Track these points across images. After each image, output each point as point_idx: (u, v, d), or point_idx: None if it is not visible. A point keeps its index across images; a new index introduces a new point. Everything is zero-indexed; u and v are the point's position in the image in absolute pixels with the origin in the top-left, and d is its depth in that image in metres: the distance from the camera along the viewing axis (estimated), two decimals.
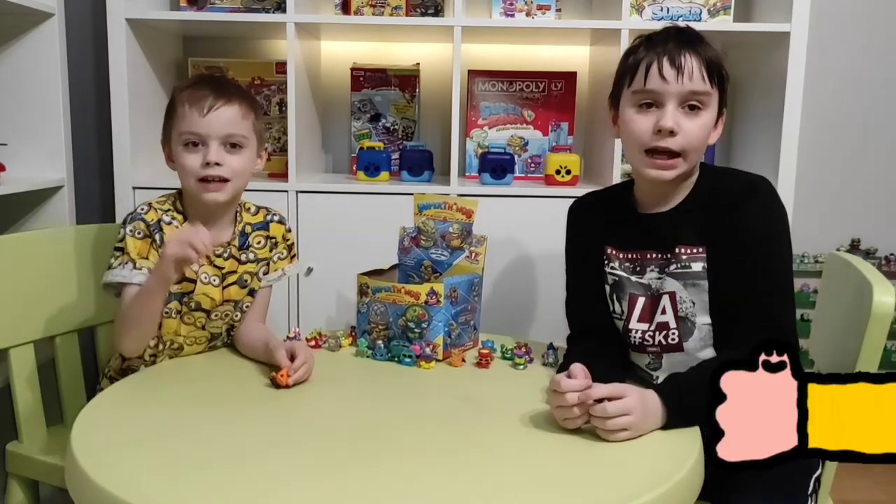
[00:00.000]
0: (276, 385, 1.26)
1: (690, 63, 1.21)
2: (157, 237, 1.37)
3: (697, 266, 1.27)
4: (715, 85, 1.24)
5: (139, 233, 1.37)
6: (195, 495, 0.93)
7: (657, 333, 1.30)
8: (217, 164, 1.36)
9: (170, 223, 1.40)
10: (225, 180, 1.37)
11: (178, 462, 1.01)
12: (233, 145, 1.38)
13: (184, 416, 1.17)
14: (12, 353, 1.45)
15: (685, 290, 1.27)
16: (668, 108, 1.22)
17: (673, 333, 1.29)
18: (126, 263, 1.35)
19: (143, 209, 1.39)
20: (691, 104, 1.23)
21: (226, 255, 1.45)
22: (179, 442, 1.07)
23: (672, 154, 1.23)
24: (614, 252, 1.34)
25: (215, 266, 1.44)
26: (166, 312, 1.39)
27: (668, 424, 1.13)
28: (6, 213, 1.86)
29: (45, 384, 1.51)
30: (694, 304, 1.28)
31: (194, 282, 1.41)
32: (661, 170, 1.24)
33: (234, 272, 1.46)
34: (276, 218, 1.53)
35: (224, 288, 1.45)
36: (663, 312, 1.29)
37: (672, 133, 1.22)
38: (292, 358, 1.29)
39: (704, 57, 1.23)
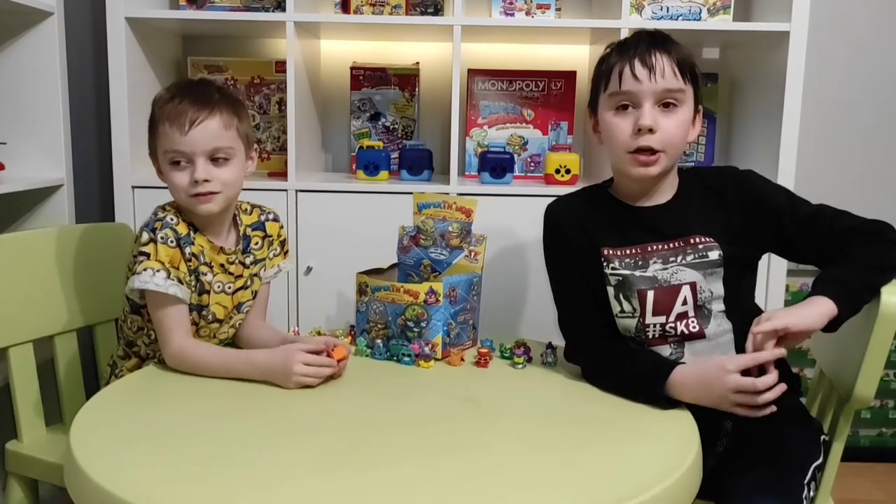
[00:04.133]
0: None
1: (661, 62, 1.26)
2: (186, 250, 1.35)
3: (714, 255, 1.30)
4: (688, 82, 1.29)
5: (171, 241, 1.33)
6: (194, 494, 0.93)
7: (678, 323, 1.30)
8: (206, 180, 1.33)
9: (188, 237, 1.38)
10: (216, 192, 1.35)
11: (177, 461, 1.01)
12: (217, 159, 1.35)
13: (182, 416, 1.17)
14: (12, 353, 1.45)
15: (705, 279, 1.30)
16: (645, 108, 1.26)
17: (693, 322, 1.30)
18: (158, 271, 1.31)
19: (172, 219, 1.35)
20: (666, 102, 1.27)
21: (236, 262, 1.45)
22: (178, 441, 1.07)
23: (653, 151, 1.27)
24: (612, 252, 1.33)
25: (228, 273, 1.43)
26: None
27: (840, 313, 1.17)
28: (5, 213, 1.86)
29: (44, 384, 1.51)
30: (712, 292, 1.30)
31: (209, 293, 1.40)
32: (644, 166, 1.28)
33: (241, 276, 1.46)
34: (270, 216, 1.52)
35: (233, 294, 1.45)
36: (684, 303, 1.30)
37: (651, 131, 1.26)
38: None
39: (675, 56, 1.27)
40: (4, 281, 1.44)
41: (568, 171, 1.97)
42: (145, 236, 1.34)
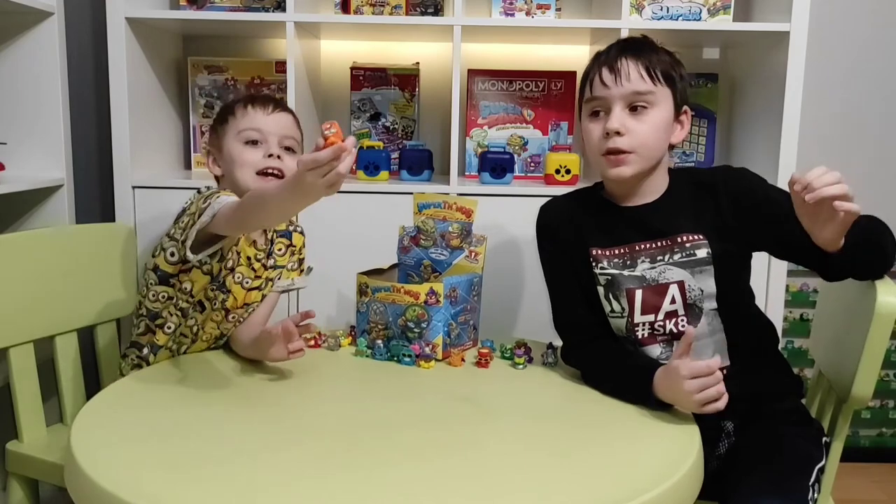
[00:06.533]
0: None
1: (627, 66, 1.29)
2: None
3: (702, 252, 1.30)
4: (660, 83, 1.30)
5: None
6: (194, 494, 0.93)
7: (667, 322, 1.30)
8: (278, 156, 1.44)
9: None
10: (280, 176, 1.43)
11: (178, 461, 1.01)
12: (286, 148, 1.47)
13: (183, 415, 1.17)
14: (12, 353, 1.45)
15: (693, 277, 1.30)
16: (614, 112, 1.29)
17: (682, 320, 1.30)
18: (230, 196, 1.30)
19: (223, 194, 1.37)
20: (635, 105, 1.29)
21: (262, 260, 1.49)
22: (179, 441, 1.07)
23: (622, 151, 1.29)
24: (600, 252, 1.34)
25: (251, 268, 1.47)
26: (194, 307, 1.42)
27: None
28: (5, 213, 1.86)
29: (45, 384, 1.51)
30: (702, 291, 1.30)
31: (232, 275, 1.43)
32: (616, 167, 1.30)
33: (259, 277, 1.49)
34: (298, 228, 1.58)
35: (248, 291, 1.47)
36: (672, 302, 1.30)
37: (619, 133, 1.28)
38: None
39: (645, 60, 1.30)
40: (4, 281, 1.44)
41: (568, 172, 1.97)
42: (209, 190, 1.38)
